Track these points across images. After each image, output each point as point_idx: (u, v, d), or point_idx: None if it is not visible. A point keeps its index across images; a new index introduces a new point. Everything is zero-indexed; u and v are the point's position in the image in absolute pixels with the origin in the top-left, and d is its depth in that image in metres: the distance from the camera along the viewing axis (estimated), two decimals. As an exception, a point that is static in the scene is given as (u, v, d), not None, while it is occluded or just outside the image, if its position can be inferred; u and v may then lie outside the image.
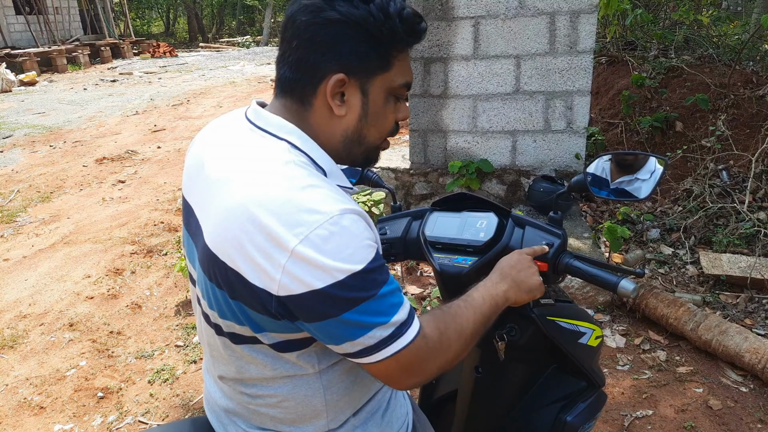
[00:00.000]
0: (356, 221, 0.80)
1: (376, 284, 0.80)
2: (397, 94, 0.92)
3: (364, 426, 0.97)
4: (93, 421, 2.34)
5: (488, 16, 3.53)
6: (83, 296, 3.35)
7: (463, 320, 0.92)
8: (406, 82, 0.92)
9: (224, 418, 1.01)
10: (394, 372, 0.84)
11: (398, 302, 0.83)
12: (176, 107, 9.43)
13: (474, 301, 0.96)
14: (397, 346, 0.82)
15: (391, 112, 0.93)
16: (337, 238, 0.77)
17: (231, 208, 0.82)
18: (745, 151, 3.68)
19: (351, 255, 0.78)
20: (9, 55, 13.92)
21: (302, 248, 0.76)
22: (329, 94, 0.86)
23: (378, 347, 0.81)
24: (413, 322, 0.84)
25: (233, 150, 0.89)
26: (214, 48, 21.01)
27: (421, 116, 3.87)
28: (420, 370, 0.86)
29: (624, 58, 5.30)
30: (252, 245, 0.78)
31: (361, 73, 0.86)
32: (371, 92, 0.88)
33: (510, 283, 1.00)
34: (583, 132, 3.65)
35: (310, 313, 0.79)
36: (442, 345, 0.87)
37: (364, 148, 0.94)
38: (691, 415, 2.19)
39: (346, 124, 0.89)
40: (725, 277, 2.92)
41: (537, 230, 1.06)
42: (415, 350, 0.83)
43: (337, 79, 0.85)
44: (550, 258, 1.02)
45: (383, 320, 0.80)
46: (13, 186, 5.60)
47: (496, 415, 1.25)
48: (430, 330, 0.87)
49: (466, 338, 0.92)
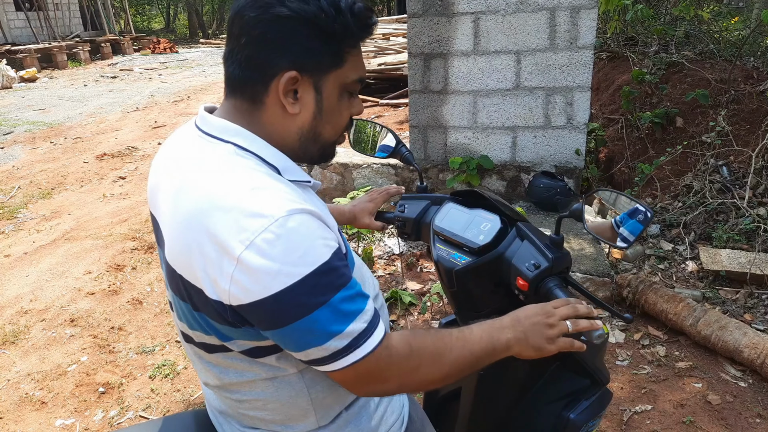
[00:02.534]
0: (306, 221, 0.76)
1: (331, 289, 0.76)
2: (351, 90, 0.90)
3: (357, 420, 0.96)
4: (94, 416, 2.35)
5: (488, 11, 3.52)
6: (84, 292, 3.36)
7: (447, 348, 0.86)
8: (360, 77, 0.89)
9: (220, 417, 1.02)
10: (351, 380, 0.82)
11: (356, 309, 0.78)
12: (177, 103, 9.43)
13: (471, 335, 0.89)
14: (354, 357, 0.78)
15: (345, 108, 0.91)
16: (284, 241, 0.73)
17: (180, 220, 0.80)
18: (745, 147, 3.68)
19: (300, 258, 0.74)
20: (9, 51, 13.91)
21: (248, 255, 0.73)
22: (282, 93, 0.83)
23: (334, 357, 0.78)
24: (375, 330, 0.80)
25: (182, 161, 0.87)
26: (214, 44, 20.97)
27: (421, 112, 3.87)
28: (380, 381, 0.83)
29: (624, 54, 5.28)
30: (202, 256, 0.76)
31: (314, 70, 0.84)
32: (325, 89, 0.86)
33: (518, 334, 0.91)
34: (583, 128, 3.65)
35: (263, 322, 0.77)
36: (409, 362, 0.83)
37: (320, 146, 0.92)
38: (690, 410, 2.20)
39: (301, 122, 0.87)
40: (725, 273, 2.93)
41: (532, 248, 1.03)
42: (375, 360, 0.79)
43: (289, 76, 0.82)
44: (531, 279, 0.98)
45: (337, 330, 0.76)
46: (13, 182, 5.60)
47: (499, 413, 1.25)
48: (398, 343, 0.83)
49: (442, 366, 0.86)
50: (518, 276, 1.01)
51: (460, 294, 1.14)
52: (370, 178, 4.21)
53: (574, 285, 1.03)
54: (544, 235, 1.06)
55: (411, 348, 0.84)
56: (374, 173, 4.19)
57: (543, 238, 1.05)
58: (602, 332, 0.89)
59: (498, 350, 0.90)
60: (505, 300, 1.12)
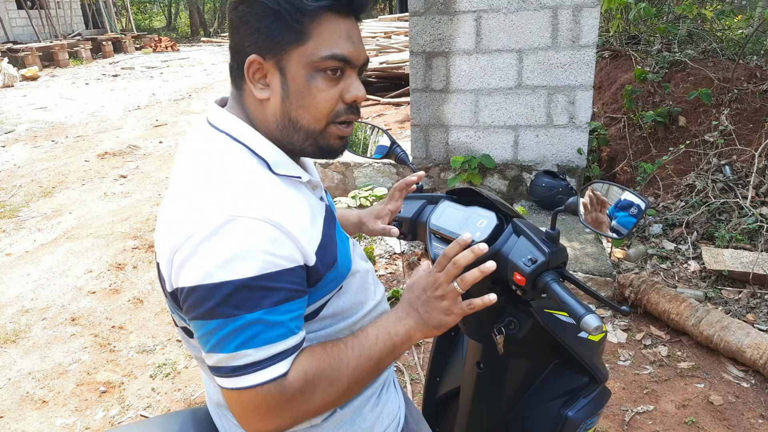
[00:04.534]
0: (250, 230, 0.73)
1: (246, 306, 0.72)
2: (324, 68, 0.81)
3: (351, 421, 0.95)
4: (95, 415, 2.35)
5: (490, 10, 3.51)
6: (85, 291, 3.36)
7: (342, 366, 0.80)
8: (333, 54, 0.80)
9: (217, 409, 1.02)
10: (234, 407, 0.77)
11: (265, 338, 0.73)
12: (178, 102, 9.43)
13: (366, 339, 0.83)
14: (239, 383, 0.74)
15: (319, 90, 0.82)
16: (216, 241, 0.72)
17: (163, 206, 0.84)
18: (748, 146, 3.66)
19: (226, 262, 0.71)
20: (11, 50, 13.92)
21: (185, 245, 0.74)
22: (248, 78, 0.83)
23: (221, 372, 0.75)
24: (272, 365, 0.74)
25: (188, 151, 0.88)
26: (216, 42, 20.97)
27: (422, 111, 3.86)
28: (265, 420, 0.76)
29: (627, 53, 5.27)
30: (162, 239, 0.80)
31: (273, 50, 0.81)
32: (288, 69, 0.81)
33: (417, 320, 0.85)
34: (585, 127, 3.64)
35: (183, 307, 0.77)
36: (303, 396, 0.77)
37: (304, 135, 0.85)
38: (692, 411, 2.19)
39: (273, 108, 0.84)
40: (727, 273, 2.92)
41: (529, 243, 1.03)
42: (263, 396, 0.74)
43: (250, 60, 0.81)
44: (528, 274, 0.98)
45: (230, 348, 0.73)
46: (15, 181, 5.60)
47: (498, 411, 1.25)
48: (294, 378, 0.76)
49: (340, 386, 0.80)
50: (515, 271, 1.00)
51: None
52: (372, 177, 4.20)
53: (571, 279, 1.03)
54: (540, 231, 1.06)
55: (306, 378, 0.77)
56: (376, 172, 4.18)
57: (539, 233, 1.05)
58: (599, 324, 0.89)
59: (399, 345, 0.84)
60: (503, 296, 1.11)
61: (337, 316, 0.91)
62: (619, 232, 1.05)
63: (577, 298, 0.94)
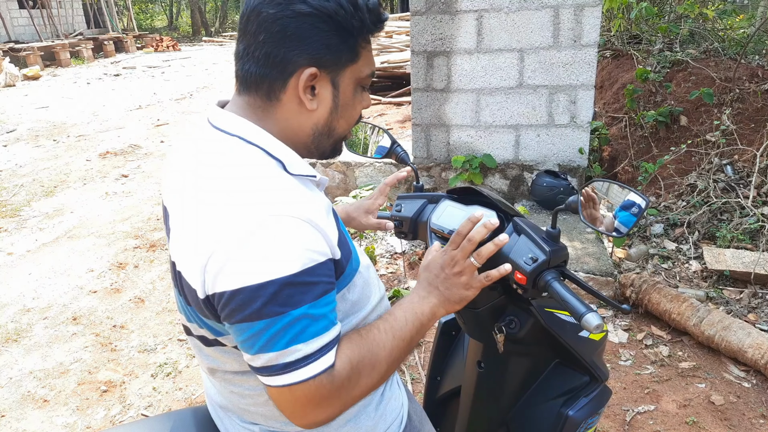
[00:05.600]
0: (288, 227, 0.74)
1: (291, 303, 0.73)
2: (364, 84, 0.91)
3: (356, 419, 0.96)
4: (96, 414, 2.35)
5: (492, 9, 3.51)
6: (87, 290, 3.37)
7: (379, 350, 0.84)
8: (372, 71, 0.91)
9: (220, 412, 1.02)
10: (286, 403, 0.78)
11: (312, 331, 0.75)
12: (179, 101, 9.44)
13: (396, 322, 0.88)
14: (292, 378, 0.75)
15: (359, 102, 0.92)
16: (258, 241, 0.73)
17: (182, 214, 0.82)
18: (750, 146, 3.66)
19: (270, 263, 0.72)
20: (12, 49, 13.94)
21: (222, 248, 0.74)
22: (301, 89, 0.83)
23: (272, 371, 0.76)
24: (322, 357, 0.76)
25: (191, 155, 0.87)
26: (217, 42, 20.98)
27: (423, 111, 3.86)
28: (316, 411, 0.79)
29: (628, 52, 5.26)
30: (189, 247, 0.78)
31: (333, 66, 0.85)
32: (342, 84, 0.87)
33: (439, 297, 0.91)
34: (586, 126, 3.63)
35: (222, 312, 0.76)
36: (350, 383, 0.80)
37: (333, 140, 0.93)
38: (694, 411, 2.19)
39: (317, 118, 0.88)
40: (729, 273, 2.91)
41: (529, 242, 1.03)
42: (315, 388, 0.76)
43: (309, 73, 0.83)
44: (529, 272, 0.98)
45: (282, 345, 0.74)
46: (16, 180, 5.61)
47: (498, 410, 1.25)
48: (341, 366, 0.79)
49: (380, 369, 0.84)
50: (516, 270, 1.00)
51: None
52: (373, 176, 4.20)
53: (572, 278, 1.03)
54: (540, 230, 1.06)
55: (351, 365, 0.80)
56: (377, 171, 4.18)
57: (540, 232, 1.05)
58: (600, 323, 0.89)
59: (426, 323, 0.90)
60: (504, 295, 1.11)
61: (348, 311, 0.92)
62: (619, 230, 1.05)
63: (578, 296, 0.94)
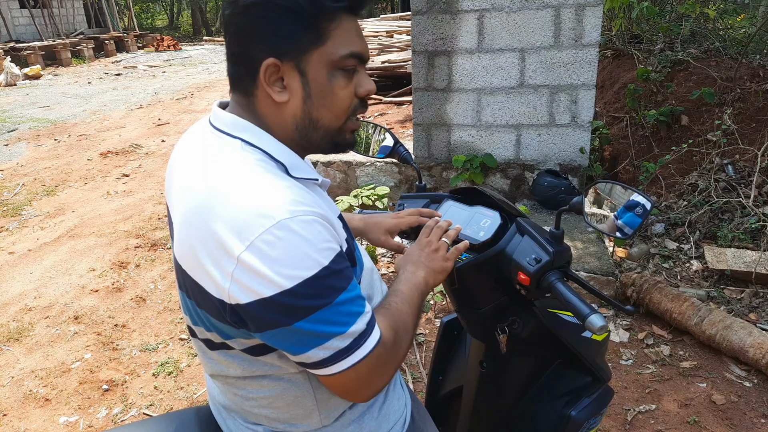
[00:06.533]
0: (309, 224, 0.75)
1: (332, 291, 0.76)
2: (344, 67, 0.84)
3: (360, 420, 0.96)
4: (98, 413, 2.36)
5: (493, 9, 3.51)
6: (88, 289, 3.37)
7: (405, 316, 0.91)
8: (351, 52, 0.83)
9: (223, 412, 1.02)
10: (351, 384, 0.81)
11: (357, 311, 0.79)
12: (180, 101, 9.44)
13: (404, 294, 0.95)
14: (356, 357, 0.79)
15: (341, 88, 0.85)
16: (284, 243, 0.72)
17: (187, 217, 0.80)
18: (751, 146, 3.66)
19: (301, 261, 0.73)
20: (13, 48, 13.95)
21: (248, 255, 0.72)
22: (266, 82, 0.82)
23: (335, 358, 0.78)
24: (373, 330, 0.81)
25: (193, 156, 0.87)
26: (217, 41, 20.97)
27: (424, 110, 3.86)
28: (378, 379, 0.84)
29: (629, 52, 5.26)
30: (205, 253, 0.76)
31: (293, 52, 0.81)
32: (309, 71, 0.82)
33: (425, 270, 1.01)
34: (587, 126, 3.63)
35: (261, 322, 0.76)
36: (396, 346, 0.86)
37: (323, 132, 0.87)
38: (695, 410, 2.19)
39: (292, 109, 0.84)
40: (730, 272, 2.91)
41: (532, 242, 1.03)
42: (376, 358, 0.81)
43: (267, 64, 0.81)
44: (532, 273, 0.99)
45: (340, 330, 0.77)
46: (18, 179, 5.62)
47: (500, 410, 1.25)
48: (386, 333, 0.85)
49: (411, 333, 0.92)
50: (519, 271, 1.01)
51: (461, 291, 1.13)
52: (374, 176, 4.20)
53: (575, 278, 1.03)
54: (544, 230, 1.06)
55: (393, 332, 0.86)
56: (378, 171, 4.18)
57: (543, 232, 1.05)
58: (604, 324, 0.89)
59: (424, 291, 0.99)
60: (506, 296, 1.11)
61: None
62: (624, 231, 1.05)
63: (582, 297, 0.94)
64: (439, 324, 1.46)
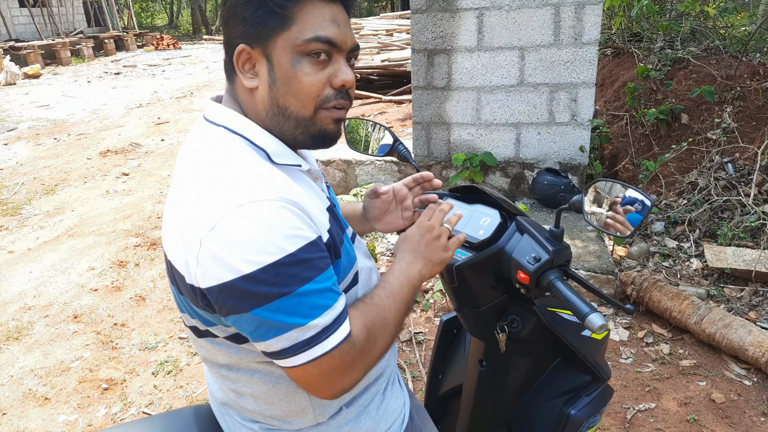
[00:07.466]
0: (276, 209, 0.74)
1: (295, 280, 0.74)
2: (309, 51, 0.81)
3: (357, 418, 0.96)
4: (97, 412, 2.36)
5: (492, 7, 3.50)
6: (87, 288, 3.37)
7: (386, 312, 0.87)
8: (316, 36, 0.80)
9: (221, 408, 1.02)
10: (314, 378, 0.79)
11: (324, 304, 0.77)
12: (180, 100, 9.43)
13: (393, 288, 0.91)
14: (316, 352, 0.77)
15: (306, 75, 0.82)
16: (246, 227, 0.72)
17: (170, 203, 0.83)
18: (751, 144, 3.65)
19: (262, 246, 0.72)
20: (13, 47, 13.94)
21: (210, 238, 0.73)
22: (237, 68, 0.84)
23: (294, 350, 0.76)
24: (340, 327, 0.78)
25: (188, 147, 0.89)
26: (217, 40, 20.96)
27: (424, 108, 3.86)
28: (344, 378, 0.81)
29: (629, 50, 5.25)
30: (180, 238, 0.78)
31: (261, 38, 0.81)
32: (274, 56, 0.82)
33: (423, 261, 0.97)
34: (587, 124, 3.63)
35: (222, 307, 0.76)
36: (369, 345, 0.83)
37: (294, 122, 0.85)
38: (694, 409, 2.19)
39: (260, 96, 0.84)
40: (729, 271, 2.91)
41: (532, 241, 1.03)
42: (339, 356, 0.78)
43: (239, 50, 0.83)
44: (532, 272, 0.99)
45: (299, 322, 0.75)
46: (17, 179, 5.61)
47: (500, 409, 1.24)
48: (358, 331, 0.82)
49: (390, 333, 0.88)
50: (519, 269, 1.00)
51: (460, 290, 1.13)
52: (374, 174, 4.20)
53: (575, 277, 1.03)
54: (543, 229, 1.06)
55: (366, 329, 0.83)
56: (377, 170, 4.18)
57: (543, 231, 1.05)
58: (604, 323, 0.89)
59: (416, 285, 0.95)
60: (506, 295, 1.11)
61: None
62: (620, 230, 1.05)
63: (581, 296, 0.94)
64: (439, 322, 1.46)
